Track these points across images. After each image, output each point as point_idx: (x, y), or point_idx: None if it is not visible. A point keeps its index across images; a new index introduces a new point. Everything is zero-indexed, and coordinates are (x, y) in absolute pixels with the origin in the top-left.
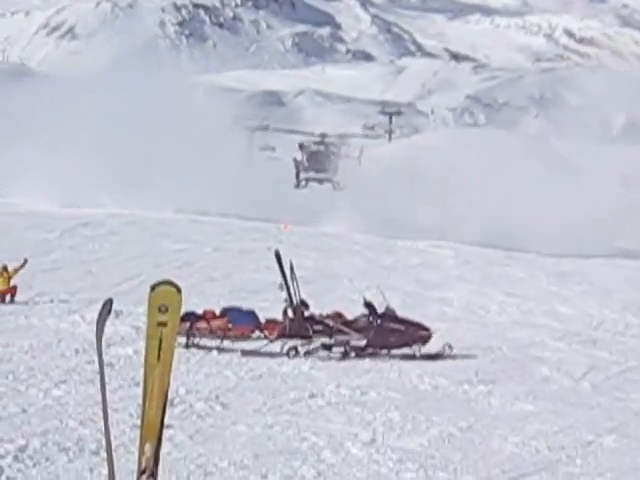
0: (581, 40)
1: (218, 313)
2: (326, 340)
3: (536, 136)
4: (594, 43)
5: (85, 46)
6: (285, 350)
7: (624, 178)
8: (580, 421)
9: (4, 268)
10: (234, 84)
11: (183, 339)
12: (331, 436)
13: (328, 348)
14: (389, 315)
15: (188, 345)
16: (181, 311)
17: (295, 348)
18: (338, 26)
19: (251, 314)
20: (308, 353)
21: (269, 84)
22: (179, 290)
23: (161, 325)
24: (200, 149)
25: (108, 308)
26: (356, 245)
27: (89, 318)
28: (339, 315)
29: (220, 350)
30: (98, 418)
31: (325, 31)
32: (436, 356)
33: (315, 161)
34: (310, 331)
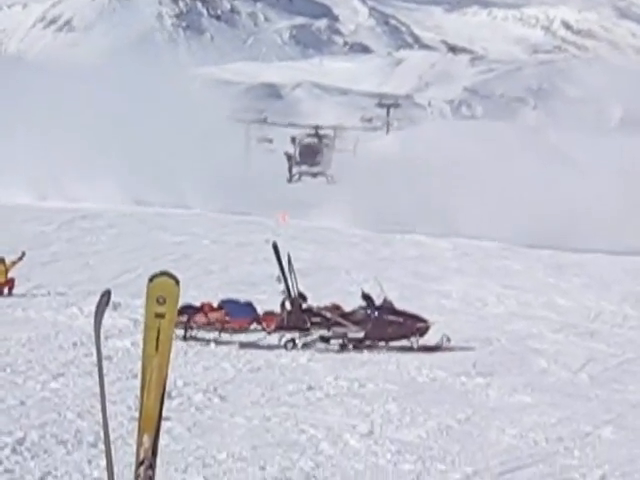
0: (578, 32)
1: (216, 305)
2: (324, 332)
3: (534, 128)
4: (592, 35)
5: (82, 39)
6: (283, 342)
7: (622, 170)
8: (578, 413)
9: (1, 261)
10: (231, 77)
11: (181, 331)
12: (329, 428)
13: (326, 340)
14: (387, 307)
15: (186, 337)
16: (179, 303)
17: (293, 340)
18: (335, 18)
19: (249, 306)
20: (306, 345)
21: (266, 76)
22: (177, 281)
23: (159, 316)
24: (197, 142)
25: (106, 299)
26: (354, 237)
27: (87, 311)
28: (337, 307)
29: (218, 342)
30: (96, 410)
31: (322, 23)
32: (434, 348)
33: (308, 154)
34: (308, 323)
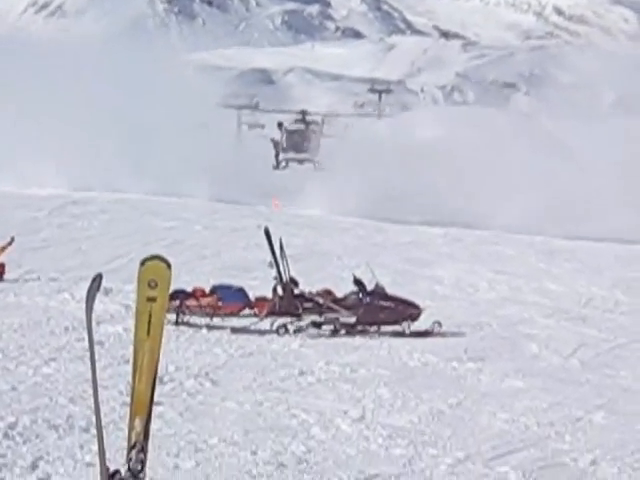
0: (571, 18)
1: (208, 291)
2: (316, 318)
3: (526, 114)
4: (584, 21)
5: (74, 24)
6: (275, 328)
7: (615, 156)
8: (569, 398)
9: None
10: (223, 62)
11: (173, 316)
12: (321, 413)
13: (318, 326)
14: (379, 293)
15: (178, 323)
16: (171, 286)
17: (285, 326)
18: (327, 4)
19: (241, 292)
20: (298, 330)
21: (258, 62)
22: (169, 265)
23: (151, 300)
24: (188, 128)
25: (98, 283)
26: (346, 223)
27: (79, 296)
28: (329, 293)
29: (210, 328)
30: (88, 395)
31: (314, 9)
32: (426, 333)
33: (295, 141)
34: (300, 309)
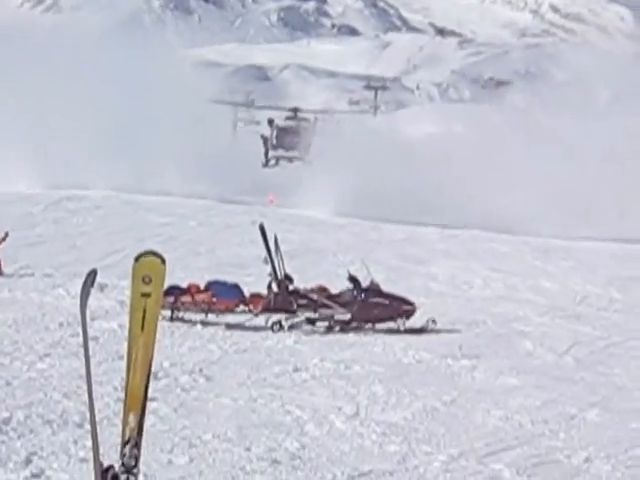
0: (567, 16)
1: (203, 287)
2: (310, 314)
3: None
4: (580, 19)
5: (70, 20)
6: (269, 324)
7: (610, 154)
8: (563, 395)
9: None
10: (219, 58)
11: (167, 312)
12: (315, 409)
13: (312, 322)
14: (373, 289)
15: (172, 319)
16: (165, 282)
17: (279, 322)
18: (323, 1)
19: (236, 288)
20: (292, 327)
21: (254, 58)
22: (163, 261)
23: (145, 296)
24: (184, 124)
25: (92, 279)
26: (341, 220)
27: (73, 292)
28: (323, 289)
29: (204, 324)
30: (82, 391)
31: (310, 5)
32: (420, 330)
33: (285, 138)
34: (294, 305)
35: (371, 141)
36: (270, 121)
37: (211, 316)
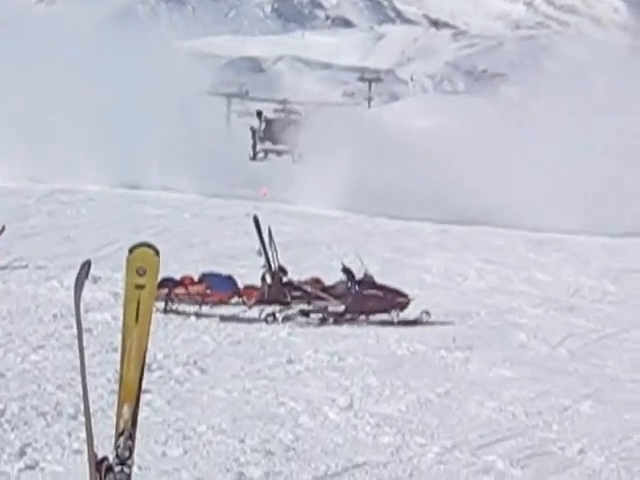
0: (561, 7)
1: (196, 279)
2: (304, 306)
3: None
4: (574, 11)
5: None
6: (263, 316)
7: (605, 147)
8: (557, 387)
9: None
10: (213, 50)
11: (161, 304)
12: (309, 401)
13: (306, 314)
14: (367, 281)
15: (166, 310)
16: (159, 273)
17: (273, 314)
18: None
19: (229, 280)
20: (286, 319)
21: (248, 50)
22: (157, 252)
23: (139, 287)
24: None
25: (86, 270)
26: (335, 212)
27: (67, 284)
28: (317, 281)
29: (198, 316)
30: (76, 383)
31: None
32: (414, 322)
33: (273, 131)
34: (288, 297)
35: (364, 133)
36: (259, 113)
37: (205, 308)
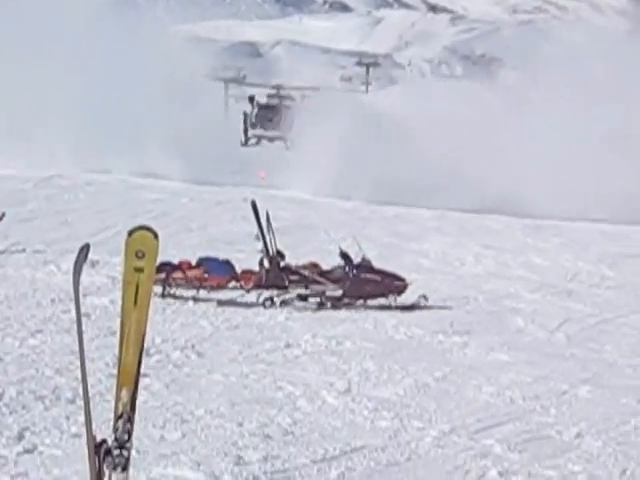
0: None
1: (194, 263)
2: (302, 290)
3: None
4: None
5: None
6: (261, 300)
7: (604, 132)
8: (554, 372)
9: None
10: (210, 34)
11: (159, 289)
12: (307, 385)
13: (304, 298)
14: (365, 266)
15: (164, 295)
16: (158, 256)
17: (271, 298)
18: None
19: (227, 264)
20: (284, 303)
21: (246, 35)
22: (156, 235)
23: (138, 270)
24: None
25: (85, 253)
26: (331, 199)
27: (65, 268)
28: (315, 266)
29: (196, 300)
30: (74, 367)
31: None
32: (412, 307)
33: (265, 116)
34: (286, 281)
35: (361, 118)
36: (251, 98)
37: (203, 292)
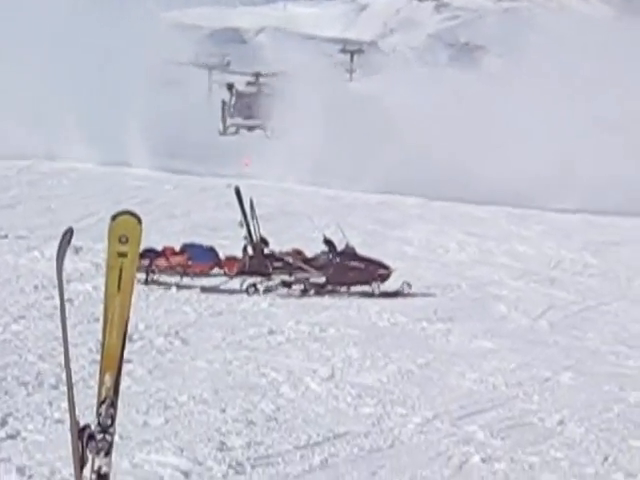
0: None
1: (178, 250)
2: (286, 277)
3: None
4: None
5: None
6: (244, 287)
7: (590, 121)
8: (537, 359)
9: None
10: (195, 21)
11: (142, 275)
12: (290, 372)
13: (287, 285)
14: (349, 253)
15: (147, 281)
16: (142, 241)
17: (254, 285)
18: None
19: (211, 251)
20: (267, 290)
21: (230, 21)
22: (140, 220)
23: (121, 255)
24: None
25: (68, 238)
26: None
27: (48, 254)
28: (299, 252)
29: (179, 287)
30: (57, 353)
31: None
32: (395, 294)
33: (244, 105)
34: (270, 268)
35: (345, 106)
36: (230, 86)
37: (186, 279)
